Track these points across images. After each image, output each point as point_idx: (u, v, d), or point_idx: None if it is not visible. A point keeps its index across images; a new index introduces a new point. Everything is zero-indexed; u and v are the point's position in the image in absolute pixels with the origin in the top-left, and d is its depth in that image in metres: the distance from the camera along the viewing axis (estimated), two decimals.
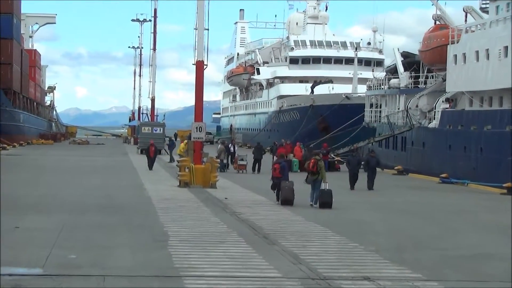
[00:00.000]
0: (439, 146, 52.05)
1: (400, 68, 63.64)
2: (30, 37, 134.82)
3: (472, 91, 49.54)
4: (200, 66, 37.41)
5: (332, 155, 58.22)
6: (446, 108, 52.76)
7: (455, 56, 51.44)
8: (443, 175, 46.43)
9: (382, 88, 68.66)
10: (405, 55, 66.03)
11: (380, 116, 68.43)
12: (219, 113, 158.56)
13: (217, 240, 20.34)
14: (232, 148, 55.46)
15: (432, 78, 60.31)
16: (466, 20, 54.06)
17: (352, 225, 24.63)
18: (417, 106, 58.36)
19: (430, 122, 55.33)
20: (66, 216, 24.58)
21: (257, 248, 19.10)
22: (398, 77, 63.70)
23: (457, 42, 51.60)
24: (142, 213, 26.26)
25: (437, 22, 59.26)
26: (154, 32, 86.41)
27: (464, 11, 53.84)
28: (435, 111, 54.44)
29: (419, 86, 61.26)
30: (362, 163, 40.33)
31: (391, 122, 59.96)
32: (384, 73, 71.91)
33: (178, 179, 37.51)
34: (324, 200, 29.53)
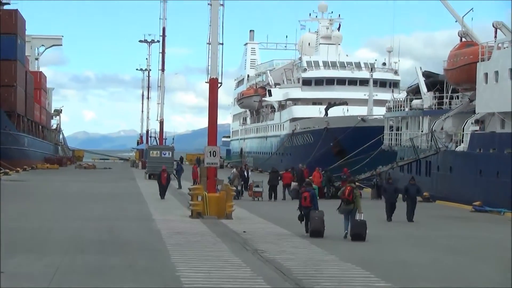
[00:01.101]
0: (469, 171, 48.40)
1: (423, 88, 60.07)
2: (36, 59, 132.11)
3: (504, 112, 45.99)
4: (214, 85, 33.96)
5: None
6: (476, 130, 49.19)
7: (486, 74, 47.93)
8: (476, 203, 42.83)
9: (403, 110, 65.14)
10: (427, 75, 62.53)
11: (400, 139, 64.82)
12: (229, 137, 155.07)
13: None
14: (245, 173, 51.93)
15: (457, 98, 56.81)
16: (495, 36, 50.52)
17: (397, 267, 21.00)
18: (442, 128, 54.83)
19: (457, 146, 51.74)
20: (60, 256, 21.04)
21: None
22: (420, 98, 60.14)
23: (488, 60, 48.11)
24: (150, 251, 22.74)
25: (463, 39, 55.78)
26: (163, 52, 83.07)
27: (494, 26, 50.28)
28: (463, 134, 50.85)
29: (442, 107, 57.80)
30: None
31: (415, 145, 56.32)
32: (405, 94, 68.35)
33: (190, 209, 33.93)
34: (357, 232, 26.98)
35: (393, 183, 37.85)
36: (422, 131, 58.51)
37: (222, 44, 34.26)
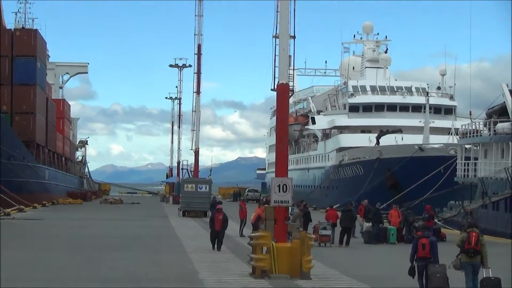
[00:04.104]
0: None
1: None
2: (61, 87, 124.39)
3: None
4: (283, 92, 24.81)
5: (437, 220, 45.08)
6: None
7: None
8: None
9: (478, 135, 55.52)
10: None
11: (476, 170, 55.20)
12: (264, 169, 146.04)
13: None
14: None
15: None
16: None
17: None
18: None
19: None
20: None
21: None
22: (509, 120, 50.48)
23: None
24: None
25: None
26: (198, 72, 73.91)
27: None
28: None
29: None
30: None
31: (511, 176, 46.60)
32: (484, 117, 58.70)
33: (251, 265, 24.47)
34: None
35: None
36: None
37: (295, 37, 25.17)
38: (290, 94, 25.12)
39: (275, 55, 24.84)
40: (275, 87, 24.89)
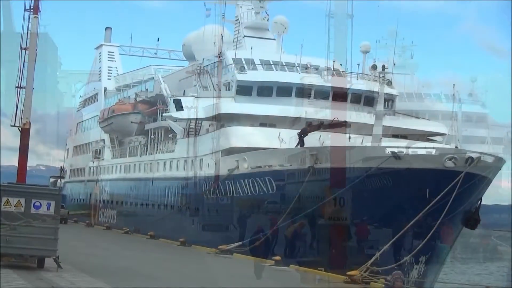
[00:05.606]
0: None
1: None
2: (73, 96, 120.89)
3: None
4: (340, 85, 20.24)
5: (493, 237, 40.49)
6: None
7: None
8: None
9: None
10: None
11: None
12: (283, 180, 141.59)
13: None
14: None
15: None
16: None
17: None
18: None
19: None
20: None
21: None
22: None
23: None
24: None
25: None
26: (219, 77, 69.79)
27: None
28: None
29: None
30: None
31: None
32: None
33: None
34: None
35: None
36: None
37: (352, 16, 20.73)
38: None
39: (328, 38, 20.30)
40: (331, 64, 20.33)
